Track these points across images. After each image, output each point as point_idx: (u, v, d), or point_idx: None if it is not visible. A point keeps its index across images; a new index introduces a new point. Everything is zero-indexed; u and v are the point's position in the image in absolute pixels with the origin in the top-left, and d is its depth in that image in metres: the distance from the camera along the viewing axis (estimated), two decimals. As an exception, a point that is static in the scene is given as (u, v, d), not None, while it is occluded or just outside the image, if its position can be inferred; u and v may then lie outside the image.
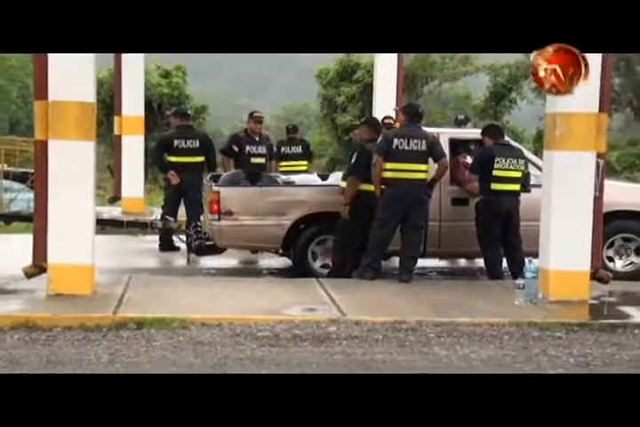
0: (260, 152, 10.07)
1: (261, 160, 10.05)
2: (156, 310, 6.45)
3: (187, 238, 9.65)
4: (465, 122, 11.33)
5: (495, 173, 8.04)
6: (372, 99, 12.55)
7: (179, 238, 10.19)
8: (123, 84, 12.58)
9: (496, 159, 8.05)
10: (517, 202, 8.13)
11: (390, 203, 7.77)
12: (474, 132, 8.99)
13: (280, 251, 8.66)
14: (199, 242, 9.05)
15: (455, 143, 8.63)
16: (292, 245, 8.39)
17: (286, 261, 9.22)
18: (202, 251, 9.23)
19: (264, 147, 10.18)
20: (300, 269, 8.38)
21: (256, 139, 10.12)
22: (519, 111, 20.69)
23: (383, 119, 9.30)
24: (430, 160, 7.92)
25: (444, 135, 8.49)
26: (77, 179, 6.87)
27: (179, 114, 10.44)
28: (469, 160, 8.42)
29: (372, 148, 7.91)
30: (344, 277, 7.95)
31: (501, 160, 8.06)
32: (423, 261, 8.83)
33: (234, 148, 10.07)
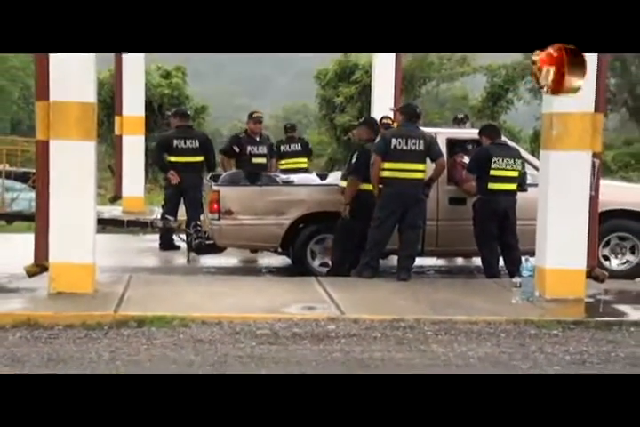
0: (261, 152, 10.07)
1: (262, 160, 10.04)
2: (156, 308, 6.45)
3: (187, 237, 9.64)
4: (464, 121, 11.34)
5: (492, 172, 8.05)
6: (370, 99, 12.55)
7: (179, 237, 10.18)
8: (123, 85, 12.58)
9: (493, 159, 8.06)
10: (514, 201, 8.13)
11: (388, 202, 7.78)
12: (471, 132, 8.99)
13: (279, 250, 8.66)
14: (199, 241, 9.05)
15: (453, 143, 8.62)
16: (292, 244, 8.40)
17: (285, 260, 9.22)
18: (202, 250, 9.23)
19: (265, 147, 10.18)
20: (300, 268, 8.38)
21: (257, 139, 10.12)
22: (516, 111, 20.71)
23: (381, 119, 9.30)
24: (428, 160, 7.93)
25: (441, 135, 8.48)
26: (78, 178, 6.87)
27: (178, 114, 10.44)
28: (467, 160, 8.42)
29: (372, 147, 7.92)
30: (343, 275, 7.96)
31: (498, 160, 8.06)
32: (421, 260, 8.83)
33: (235, 148, 10.06)
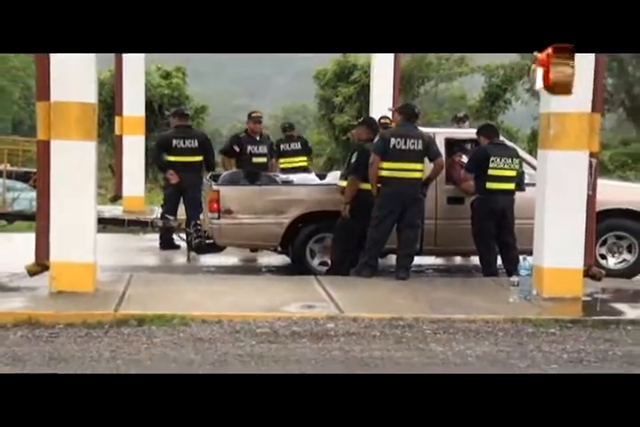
0: (262, 152, 10.07)
1: (263, 160, 10.04)
2: (156, 307, 6.45)
3: (187, 237, 9.64)
4: (464, 120, 11.36)
5: (490, 172, 8.05)
6: (369, 99, 12.56)
7: (179, 237, 10.18)
8: (123, 85, 12.58)
9: (491, 159, 8.06)
10: (512, 201, 8.13)
11: (387, 202, 7.78)
12: (469, 132, 8.99)
13: (279, 249, 8.67)
14: (199, 240, 9.05)
15: (451, 143, 8.63)
16: (291, 244, 8.40)
17: (285, 259, 9.22)
18: (202, 249, 9.22)
19: (265, 146, 10.17)
20: (299, 267, 8.38)
21: (257, 138, 10.12)
22: (514, 111, 20.69)
23: (380, 119, 9.29)
24: (425, 159, 7.93)
25: (439, 135, 8.48)
26: (79, 178, 6.87)
27: (177, 114, 10.45)
28: (465, 159, 8.42)
29: (371, 147, 7.92)
30: (342, 274, 7.96)
31: (496, 159, 8.07)
32: (420, 259, 8.84)
33: (235, 148, 10.06)
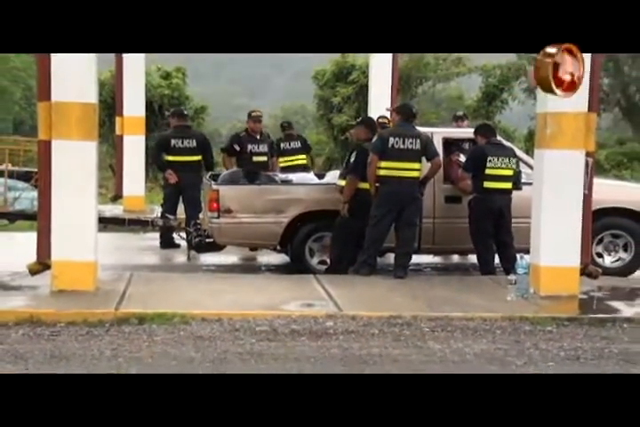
0: (262, 151, 10.06)
1: (263, 158, 10.04)
2: (157, 305, 6.45)
3: (187, 236, 9.64)
4: (463, 118, 11.40)
5: (488, 171, 8.05)
6: (367, 99, 12.55)
7: (179, 236, 10.18)
8: (124, 86, 12.58)
9: (488, 158, 8.06)
10: (509, 200, 8.13)
11: (385, 201, 7.77)
12: (467, 132, 8.99)
13: (278, 248, 8.67)
14: (199, 239, 9.04)
15: (449, 142, 8.62)
16: (290, 242, 8.39)
17: (284, 258, 9.21)
18: (202, 248, 9.22)
19: (265, 145, 10.17)
20: (298, 266, 8.37)
21: (257, 137, 10.11)
22: (510, 111, 20.71)
23: (377, 119, 9.30)
24: (423, 159, 7.92)
25: (437, 135, 8.48)
26: (80, 178, 6.86)
27: (176, 114, 10.47)
28: (462, 159, 8.42)
29: (369, 147, 7.91)
30: (341, 273, 7.95)
31: (494, 159, 8.07)
32: (418, 258, 8.84)
33: (235, 147, 10.07)
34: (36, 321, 6.06)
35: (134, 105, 12.51)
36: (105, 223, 10.37)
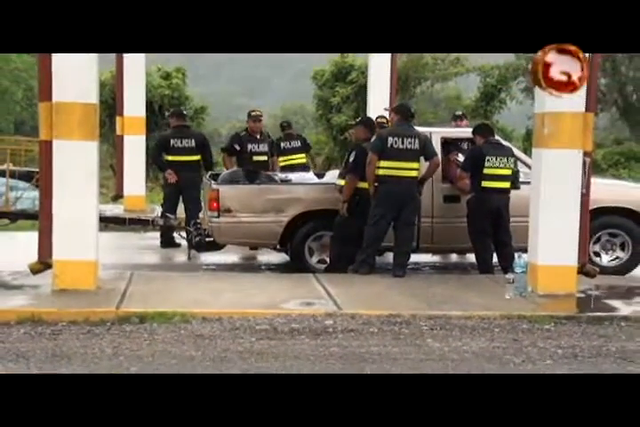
0: (262, 150, 10.06)
1: (263, 158, 10.03)
2: (157, 304, 6.45)
3: (187, 235, 9.64)
4: (462, 117, 11.42)
5: (486, 171, 8.05)
6: (366, 99, 12.54)
7: (179, 235, 10.19)
8: (124, 86, 12.57)
9: (487, 158, 8.06)
10: (507, 199, 8.14)
11: (384, 200, 7.77)
12: (465, 131, 8.99)
13: (278, 247, 8.67)
14: (199, 239, 9.05)
15: (447, 142, 8.63)
16: (290, 242, 8.39)
17: (284, 257, 9.22)
18: (202, 247, 9.22)
19: (265, 145, 10.16)
20: (298, 265, 8.37)
21: (257, 137, 10.11)
22: (509, 111, 20.73)
23: (376, 119, 9.30)
24: (421, 158, 7.93)
25: (436, 134, 8.48)
26: (81, 178, 6.86)
27: (175, 115, 10.49)
28: (461, 158, 8.43)
29: (368, 146, 7.91)
30: (340, 272, 7.95)
31: (492, 159, 8.07)
32: (416, 257, 8.84)
33: (235, 147, 10.07)
34: (38, 320, 6.07)
35: (135, 105, 12.51)
36: (106, 223, 10.38)
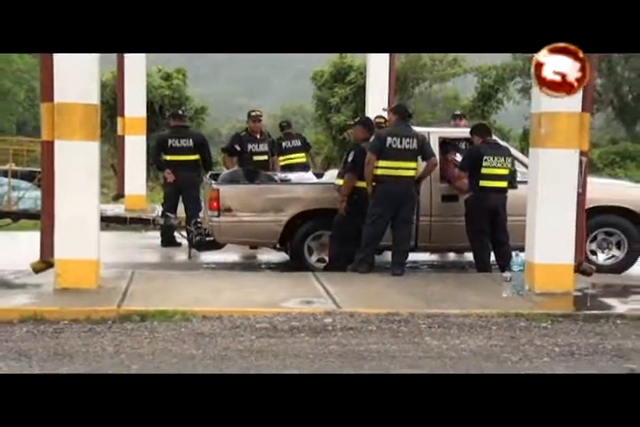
0: (262, 150, 10.05)
1: (264, 158, 10.02)
2: (158, 303, 6.44)
3: (188, 234, 9.64)
4: (461, 116, 11.45)
5: (483, 170, 8.05)
6: (364, 99, 12.54)
7: (180, 234, 10.19)
8: (125, 87, 12.57)
9: (484, 157, 8.06)
10: (505, 198, 8.13)
11: (382, 199, 7.77)
12: (463, 131, 8.99)
13: (277, 246, 8.66)
14: (200, 238, 9.04)
15: (445, 142, 8.62)
16: (289, 241, 8.39)
17: (284, 256, 9.21)
18: (202, 246, 9.22)
19: (266, 144, 10.15)
20: (297, 264, 8.37)
21: (257, 137, 10.10)
22: (506, 111, 20.73)
23: (375, 119, 9.29)
24: (418, 158, 7.92)
25: (434, 134, 8.48)
26: (82, 178, 6.86)
27: (173, 115, 10.56)
28: (459, 158, 8.42)
29: (367, 146, 7.91)
30: (339, 271, 7.95)
31: (489, 158, 8.07)
32: (415, 255, 8.84)
33: (236, 147, 10.06)
34: (40, 319, 6.07)
35: (135, 106, 12.50)
36: (107, 222, 10.37)
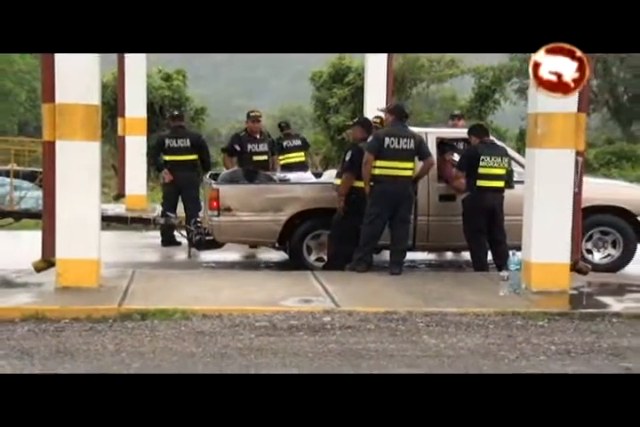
0: (262, 150, 10.03)
1: (263, 157, 10.00)
2: (159, 301, 6.44)
3: (187, 234, 9.64)
4: (459, 116, 11.45)
5: (481, 170, 8.05)
6: (363, 100, 12.53)
7: (180, 234, 10.19)
8: (126, 87, 12.55)
9: (482, 157, 8.06)
10: (502, 198, 8.13)
11: (380, 199, 7.77)
12: (460, 132, 8.98)
13: (276, 245, 8.66)
14: (199, 237, 9.04)
15: (443, 142, 8.62)
16: (288, 240, 8.39)
17: (283, 255, 9.21)
18: (202, 246, 9.21)
19: (265, 144, 10.13)
20: (296, 263, 8.37)
21: (257, 137, 10.08)
22: (503, 111, 20.74)
23: (373, 119, 9.28)
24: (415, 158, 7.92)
25: (431, 135, 8.48)
26: (83, 177, 6.86)
27: (171, 116, 10.63)
28: (456, 158, 8.42)
29: (365, 146, 7.91)
30: (338, 270, 7.95)
31: (486, 158, 8.07)
32: (412, 255, 8.84)
33: (235, 147, 10.05)
34: (42, 317, 6.06)
35: (136, 106, 12.49)
36: (108, 222, 10.37)
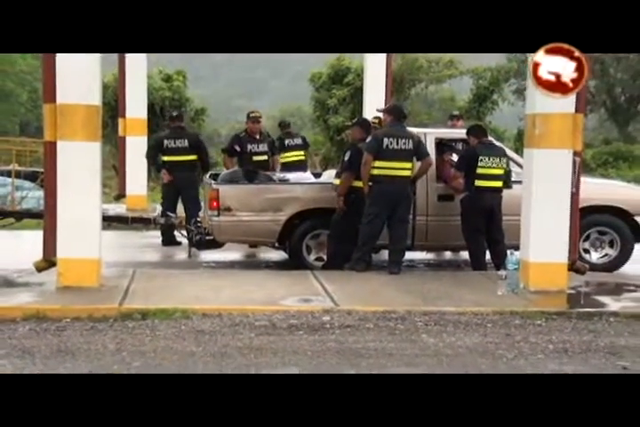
0: (262, 150, 10.03)
1: (263, 158, 10.00)
2: (159, 301, 6.44)
3: (188, 233, 9.64)
4: (458, 117, 11.48)
5: (479, 170, 8.05)
6: (362, 101, 12.53)
7: (180, 233, 10.18)
8: (126, 88, 12.55)
9: (480, 158, 8.06)
10: (500, 198, 8.14)
11: (378, 199, 7.77)
12: (459, 132, 8.99)
13: (276, 245, 8.66)
14: (200, 237, 9.04)
15: (442, 142, 8.62)
16: (288, 240, 8.39)
17: (282, 255, 9.21)
18: (202, 245, 9.21)
19: (265, 145, 10.13)
20: (296, 262, 8.37)
21: (256, 137, 10.08)
22: (501, 112, 20.73)
23: (372, 119, 9.28)
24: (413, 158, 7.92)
25: (430, 135, 8.48)
26: (84, 178, 6.86)
27: (170, 117, 10.64)
28: (455, 158, 8.42)
29: (364, 146, 7.91)
30: (337, 269, 7.95)
31: (485, 159, 8.07)
32: (411, 254, 8.84)
33: (235, 147, 10.05)
34: (43, 317, 6.06)
35: (136, 107, 12.49)
36: (108, 221, 10.38)
